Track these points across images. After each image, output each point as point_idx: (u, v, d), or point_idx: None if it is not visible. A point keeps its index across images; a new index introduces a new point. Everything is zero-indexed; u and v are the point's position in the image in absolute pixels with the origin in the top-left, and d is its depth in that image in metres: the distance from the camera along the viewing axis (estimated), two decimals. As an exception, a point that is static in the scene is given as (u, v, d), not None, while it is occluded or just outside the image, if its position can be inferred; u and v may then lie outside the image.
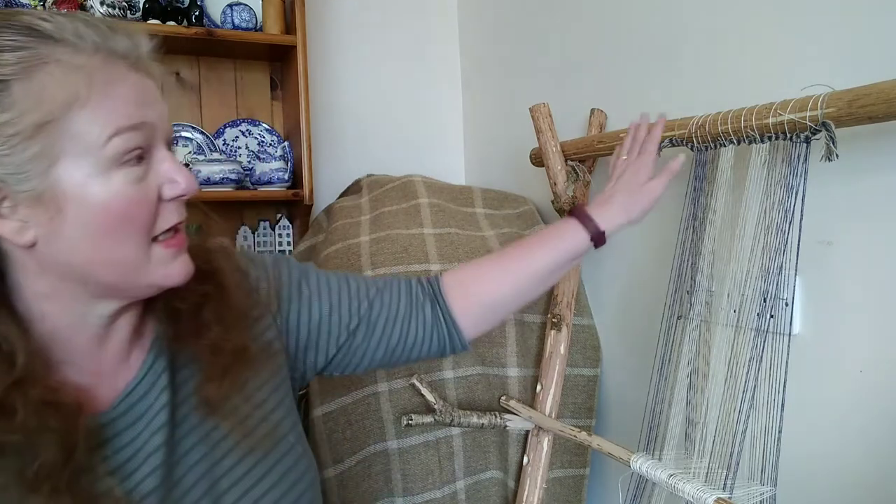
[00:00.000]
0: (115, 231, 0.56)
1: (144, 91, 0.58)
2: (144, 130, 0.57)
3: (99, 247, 0.56)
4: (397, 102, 1.97)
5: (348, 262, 1.33)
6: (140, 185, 0.57)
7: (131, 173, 0.56)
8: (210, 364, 0.65)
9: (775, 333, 0.85)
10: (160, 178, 0.59)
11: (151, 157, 0.59)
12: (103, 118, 0.54)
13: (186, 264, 0.62)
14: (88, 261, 0.57)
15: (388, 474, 1.25)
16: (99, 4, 1.50)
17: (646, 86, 1.23)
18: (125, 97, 0.56)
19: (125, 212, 0.56)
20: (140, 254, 0.58)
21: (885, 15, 0.81)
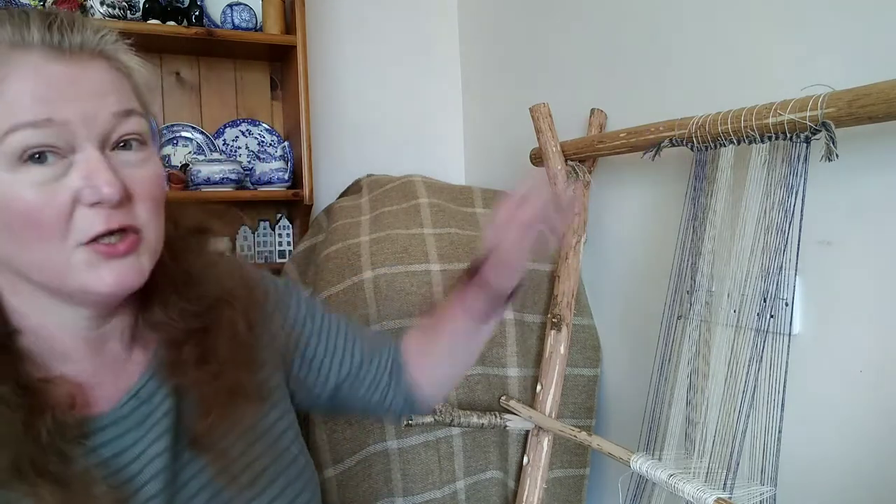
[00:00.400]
0: (22, 233, 0.52)
1: (64, 83, 0.52)
2: (53, 128, 0.51)
3: (14, 246, 0.54)
4: (397, 102, 1.97)
5: (348, 262, 1.33)
6: (47, 188, 0.52)
7: (38, 174, 0.52)
8: (202, 397, 0.63)
9: (775, 333, 0.85)
10: (77, 181, 0.53)
11: (73, 156, 0.53)
12: (1, 115, 0.51)
13: (119, 272, 0.55)
14: (13, 259, 0.55)
15: (388, 474, 1.25)
16: (99, 4, 1.50)
17: (646, 86, 1.23)
18: (31, 91, 0.51)
19: (27, 215, 0.51)
20: (58, 257, 0.53)
21: (885, 15, 0.81)
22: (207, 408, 0.63)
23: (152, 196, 0.58)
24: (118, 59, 0.58)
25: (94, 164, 0.53)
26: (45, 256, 0.53)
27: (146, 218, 0.57)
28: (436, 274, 1.30)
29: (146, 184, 0.57)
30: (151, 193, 0.57)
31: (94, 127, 0.54)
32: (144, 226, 0.57)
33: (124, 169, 0.56)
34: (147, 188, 0.57)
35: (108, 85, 0.56)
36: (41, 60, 0.52)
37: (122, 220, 0.55)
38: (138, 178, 0.56)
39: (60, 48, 0.53)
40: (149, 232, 0.58)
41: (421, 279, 1.29)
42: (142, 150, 0.58)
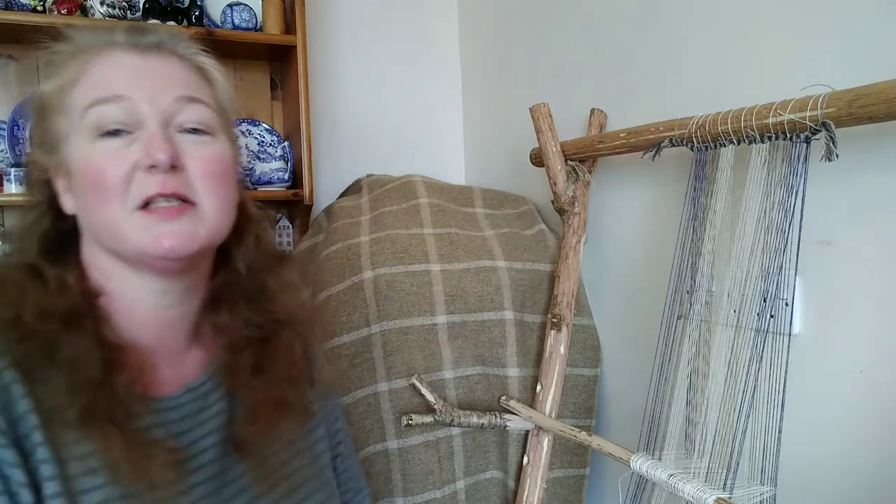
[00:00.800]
0: (94, 193, 0.59)
1: (139, 70, 0.61)
2: (123, 104, 0.60)
3: (90, 211, 0.61)
4: (397, 102, 1.97)
5: (348, 262, 1.33)
6: (114, 154, 0.59)
7: (111, 144, 0.59)
8: (251, 404, 0.68)
9: (775, 333, 0.85)
10: (138, 151, 0.60)
11: (139, 132, 0.60)
12: (85, 92, 0.60)
13: (174, 235, 0.60)
14: (93, 224, 0.62)
15: (388, 474, 1.25)
16: (99, 4, 1.50)
17: (646, 86, 1.23)
18: (110, 74, 0.61)
19: (96, 177, 0.59)
20: (121, 218, 0.59)
21: (885, 15, 0.81)
22: (255, 414, 0.67)
23: (208, 172, 0.62)
24: (194, 60, 0.66)
25: (152, 134, 0.60)
26: (109, 219, 0.59)
27: (201, 192, 0.62)
28: (436, 274, 1.30)
29: (203, 160, 0.62)
30: (207, 169, 0.62)
31: (158, 106, 0.61)
32: (200, 199, 0.62)
33: (184, 145, 0.62)
34: (203, 164, 0.62)
35: (179, 76, 0.63)
36: (122, 53, 0.62)
37: (175, 186, 0.60)
38: (196, 153, 0.62)
39: (139, 46, 0.62)
40: (205, 205, 0.62)
41: (421, 279, 1.29)
42: (206, 136, 0.64)
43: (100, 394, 0.56)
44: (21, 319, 0.57)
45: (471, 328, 1.29)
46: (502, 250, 1.36)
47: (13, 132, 1.54)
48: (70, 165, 0.61)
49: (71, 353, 0.57)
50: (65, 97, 0.61)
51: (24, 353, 0.56)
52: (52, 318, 0.58)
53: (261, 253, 0.72)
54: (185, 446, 0.63)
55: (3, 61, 1.56)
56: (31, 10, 1.48)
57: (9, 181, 1.44)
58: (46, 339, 0.57)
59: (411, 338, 1.27)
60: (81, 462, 0.56)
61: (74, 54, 0.62)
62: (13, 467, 0.53)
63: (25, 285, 0.60)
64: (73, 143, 0.61)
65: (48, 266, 0.62)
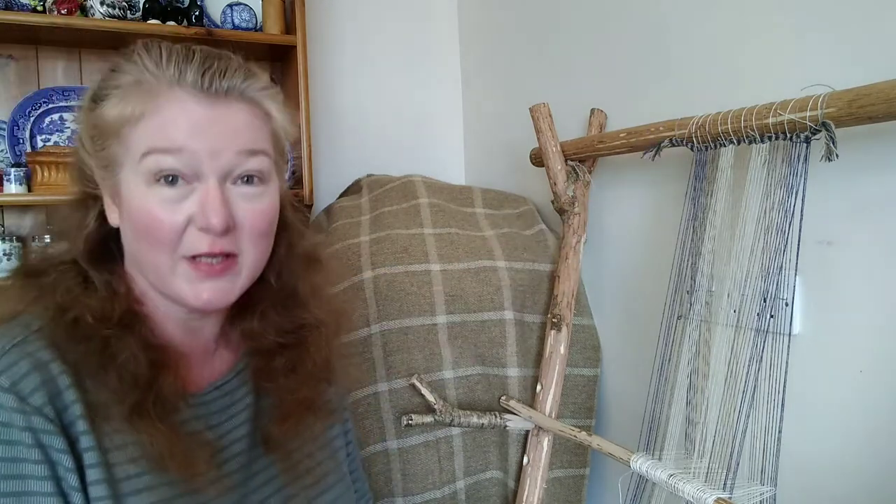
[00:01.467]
0: (143, 238, 0.61)
1: (204, 122, 0.60)
2: (183, 156, 0.59)
3: (137, 246, 0.63)
4: (397, 102, 1.97)
5: (348, 262, 1.33)
6: (170, 206, 0.60)
7: (166, 193, 0.60)
8: (282, 404, 0.71)
9: (775, 333, 0.85)
10: (194, 206, 0.60)
11: (196, 183, 0.61)
12: (145, 137, 0.60)
13: (213, 293, 0.62)
14: (135, 255, 0.64)
15: (388, 474, 1.25)
16: (99, 4, 1.50)
17: (646, 86, 1.23)
18: (173, 122, 0.60)
19: (149, 225, 0.60)
20: (166, 265, 0.62)
21: (885, 15, 0.81)
22: (286, 414, 0.71)
23: (256, 229, 0.64)
24: (260, 104, 0.65)
25: (210, 194, 0.60)
26: (155, 261, 0.62)
27: (247, 246, 0.64)
28: (436, 274, 1.30)
29: (255, 217, 0.64)
30: (256, 226, 0.64)
31: (219, 161, 0.61)
32: (244, 252, 0.64)
33: (238, 201, 0.63)
34: (253, 221, 0.64)
35: (243, 126, 0.63)
36: (190, 99, 0.60)
37: (224, 246, 0.62)
38: (249, 210, 0.63)
39: (208, 92, 0.61)
40: (246, 258, 0.64)
41: (421, 279, 1.29)
42: (260, 185, 0.64)
43: (148, 392, 0.60)
44: (81, 321, 0.60)
45: (471, 328, 1.29)
46: (502, 250, 1.36)
47: (13, 132, 1.54)
48: (121, 193, 0.62)
49: (125, 356, 0.60)
50: (125, 129, 0.61)
51: (81, 353, 0.59)
52: (110, 322, 0.61)
53: (292, 258, 0.74)
54: (217, 438, 0.67)
55: (3, 61, 1.56)
56: (31, 10, 1.48)
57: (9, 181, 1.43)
58: (104, 341, 0.60)
59: (411, 338, 1.27)
60: (123, 451, 0.59)
61: (139, 86, 0.61)
62: (61, 453, 0.56)
63: (78, 287, 0.63)
64: (127, 176, 0.61)
65: (95, 270, 0.65)
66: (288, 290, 0.74)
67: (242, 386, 0.72)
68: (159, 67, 0.61)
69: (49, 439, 0.56)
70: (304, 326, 0.74)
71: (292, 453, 0.72)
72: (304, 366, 0.73)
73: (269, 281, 0.72)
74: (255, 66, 0.67)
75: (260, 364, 0.72)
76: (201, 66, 0.61)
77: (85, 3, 1.52)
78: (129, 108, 0.60)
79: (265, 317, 0.72)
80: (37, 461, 0.55)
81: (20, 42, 1.55)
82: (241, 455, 0.69)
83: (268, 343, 0.72)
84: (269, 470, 0.71)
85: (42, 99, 1.57)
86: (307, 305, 0.74)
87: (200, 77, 0.61)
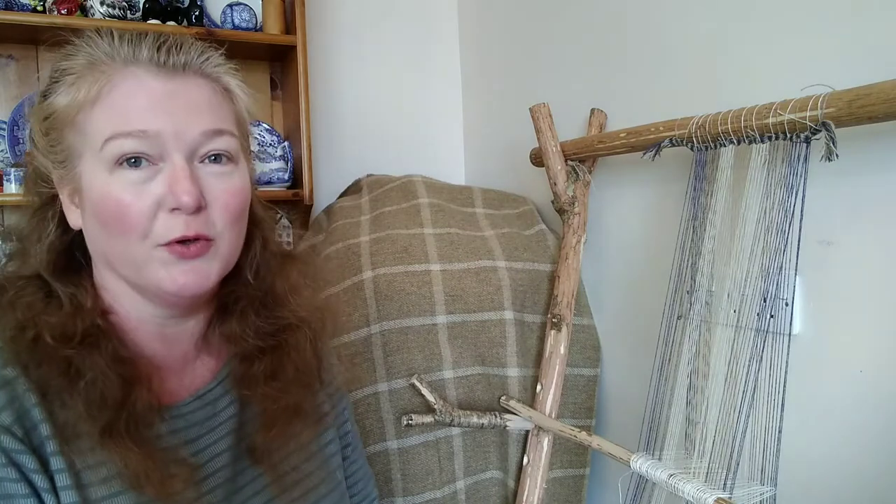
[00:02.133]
0: (112, 227, 0.58)
1: (163, 97, 0.57)
2: (147, 138, 0.57)
3: (106, 239, 0.59)
4: (397, 102, 1.97)
5: (348, 262, 1.33)
6: (136, 189, 0.57)
7: (131, 176, 0.57)
8: (266, 412, 0.68)
9: (775, 333, 0.85)
10: (161, 187, 0.57)
11: (162, 164, 0.58)
12: (105, 119, 0.57)
13: (188, 275, 0.59)
14: (105, 251, 0.60)
15: (388, 474, 1.25)
16: (99, 4, 1.50)
17: (646, 86, 1.23)
18: (133, 102, 0.57)
19: (116, 211, 0.57)
20: (139, 254, 0.58)
21: (885, 15, 0.81)
22: (270, 423, 0.67)
23: (229, 207, 0.61)
24: (220, 80, 0.63)
25: (177, 173, 0.57)
26: (127, 250, 0.58)
27: (221, 227, 0.61)
28: (436, 274, 1.30)
29: (225, 195, 0.61)
30: (229, 205, 0.61)
31: (184, 140, 0.58)
32: (218, 235, 0.61)
33: (207, 179, 0.60)
34: (225, 199, 0.61)
35: (204, 102, 0.60)
36: (146, 75, 0.58)
37: (198, 228, 0.59)
38: (219, 189, 0.60)
39: (165, 66, 0.58)
40: (222, 241, 0.61)
41: (421, 279, 1.29)
42: (229, 164, 0.62)
43: (119, 411, 0.57)
44: (40, 340, 0.56)
45: (471, 328, 1.29)
46: (502, 250, 1.36)
47: (13, 132, 1.54)
48: (81, 186, 0.59)
49: (91, 375, 0.56)
50: (80, 115, 0.57)
51: (44, 374, 0.56)
52: (72, 341, 0.57)
53: (267, 256, 0.71)
54: (196, 453, 0.63)
55: (3, 61, 1.56)
56: (31, 10, 1.48)
57: (8, 181, 1.44)
58: (66, 361, 0.57)
59: (411, 338, 1.27)
60: (95, 471, 0.56)
61: (92, 68, 0.58)
62: (34, 473, 0.53)
63: (39, 303, 0.59)
64: (88, 165, 0.58)
65: (59, 283, 0.61)
66: (265, 288, 0.70)
67: (225, 394, 0.68)
68: (112, 47, 0.58)
69: (21, 458, 0.53)
70: (284, 328, 0.70)
71: (279, 464, 0.68)
72: (285, 371, 0.69)
73: (247, 279, 0.69)
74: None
75: (241, 370, 0.69)
76: (155, 41, 0.59)
77: (85, 3, 1.52)
78: (82, 92, 0.57)
79: (244, 317, 0.69)
80: (15, 479, 0.53)
81: (20, 42, 1.55)
82: (225, 469, 0.65)
83: (247, 347, 0.68)
84: (255, 483, 0.67)
85: (42, 99, 1.57)
86: (286, 304, 0.71)
87: (156, 52, 0.58)
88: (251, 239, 0.69)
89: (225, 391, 0.69)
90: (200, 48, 0.62)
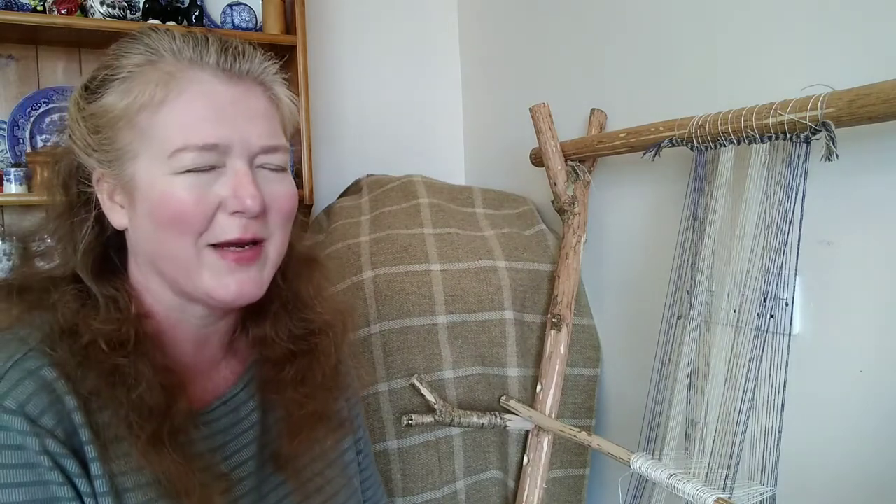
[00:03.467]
0: (169, 228, 0.57)
1: (227, 104, 0.58)
2: (216, 151, 0.57)
3: (158, 239, 0.58)
4: (397, 102, 1.97)
5: (348, 262, 1.33)
6: (200, 191, 0.57)
7: (196, 179, 0.57)
8: (291, 419, 0.67)
9: (775, 333, 0.85)
10: (225, 190, 0.58)
11: (224, 167, 0.58)
12: (173, 129, 0.56)
13: (243, 283, 0.59)
14: (154, 252, 0.60)
15: (388, 474, 1.25)
16: (99, 4, 1.50)
17: (646, 86, 1.23)
18: (201, 112, 0.57)
19: (177, 211, 0.56)
20: (192, 255, 0.58)
21: (885, 15, 0.81)
22: (296, 429, 0.67)
23: (283, 210, 0.62)
24: (273, 89, 0.63)
25: (241, 177, 0.58)
26: (179, 254, 0.58)
27: (274, 230, 0.62)
28: (436, 274, 1.30)
29: (283, 199, 0.62)
30: (283, 208, 0.62)
31: (246, 148, 0.59)
32: (270, 238, 0.61)
33: (265, 184, 0.60)
34: (281, 203, 0.61)
35: (262, 111, 0.61)
36: (213, 80, 0.58)
37: (256, 231, 0.59)
38: (277, 193, 0.61)
39: (230, 72, 0.59)
40: (272, 245, 0.62)
41: (421, 279, 1.29)
42: (282, 172, 0.63)
43: (164, 421, 0.56)
44: (94, 346, 0.56)
45: (471, 328, 1.29)
46: (502, 250, 1.36)
47: (13, 132, 1.54)
48: (135, 186, 0.58)
49: (141, 387, 0.56)
50: (142, 116, 0.56)
51: (92, 381, 0.56)
52: (125, 349, 0.57)
53: (294, 259, 0.71)
54: (223, 460, 0.63)
55: (3, 61, 1.56)
56: (31, 10, 1.48)
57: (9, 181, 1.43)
58: (116, 369, 0.56)
59: (411, 338, 1.27)
60: (130, 477, 0.56)
61: (154, 66, 0.57)
62: (78, 477, 0.53)
63: (85, 307, 0.58)
64: (146, 165, 0.57)
65: (98, 286, 0.60)
66: (293, 291, 0.70)
67: (249, 400, 0.68)
68: (175, 46, 0.58)
69: (65, 462, 0.53)
70: (313, 332, 0.70)
71: (303, 470, 0.68)
72: (314, 376, 0.69)
73: (278, 282, 0.68)
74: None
75: (269, 375, 0.68)
76: (220, 45, 0.59)
77: (85, 3, 1.52)
78: (146, 93, 0.56)
79: (278, 320, 0.69)
80: (61, 483, 0.52)
81: (20, 42, 1.55)
82: (250, 477, 0.65)
83: (279, 351, 0.68)
84: (278, 490, 0.67)
85: (42, 99, 1.57)
86: (313, 307, 0.71)
87: (223, 55, 0.58)
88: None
89: (249, 396, 0.68)
90: (261, 56, 0.62)
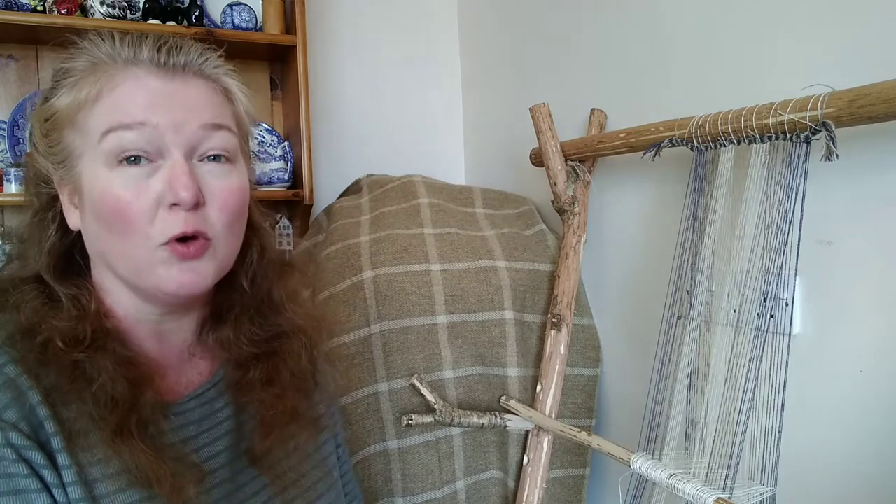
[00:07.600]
0: (113, 226, 0.58)
1: (162, 95, 0.58)
2: (144, 131, 0.57)
3: (106, 239, 0.59)
4: (397, 102, 1.97)
5: (348, 262, 1.33)
6: (135, 185, 0.57)
7: (131, 172, 0.57)
8: (263, 418, 0.68)
9: (775, 333, 0.85)
10: (161, 184, 0.58)
11: (161, 161, 0.58)
12: (104, 114, 0.57)
13: (185, 274, 0.59)
14: (104, 251, 0.60)
15: (388, 474, 1.25)
16: (99, 4, 1.50)
17: (646, 86, 1.23)
18: (133, 97, 0.58)
19: (116, 208, 0.57)
20: (141, 253, 0.58)
21: (886, 15, 0.81)
22: (268, 428, 0.68)
23: (227, 206, 0.61)
24: (220, 80, 0.63)
25: (175, 168, 0.58)
26: (128, 251, 0.59)
27: (219, 228, 0.61)
28: (436, 274, 1.30)
29: (223, 193, 0.61)
30: (227, 203, 0.61)
31: (183, 134, 0.59)
32: (216, 235, 0.61)
33: (206, 177, 0.60)
34: (223, 197, 0.61)
35: (203, 100, 0.61)
36: (146, 75, 0.59)
37: (196, 224, 0.59)
38: (217, 186, 0.61)
39: (165, 66, 0.59)
40: (219, 242, 0.61)
41: (421, 279, 1.29)
42: (227, 164, 0.62)
43: (130, 412, 0.57)
44: (51, 344, 0.57)
45: (471, 328, 1.29)
46: (502, 250, 1.36)
47: (13, 132, 1.54)
48: (82, 186, 0.59)
49: (102, 379, 0.57)
50: (81, 114, 0.58)
51: (54, 377, 0.57)
52: (81, 346, 0.58)
53: (264, 263, 0.71)
54: (195, 451, 0.64)
55: (3, 61, 1.56)
56: (31, 10, 1.48)
57: (9, 181, 1.44)
58: (75, 365, 0.57)
59: (411, 338, 1.27)
60: (99, 467, 0.57)
61: (94, 69, 0.59)
62: (44, 468, 0.54)
63: (44, 306, 0.60)
64: (88, 164, 0.58)
65: (60, 286, 0.61)
66: (262, 295, 0.71)
67: (220, 396, 0.69)
68: (114, 48, 0.59)
69: (30, 454, 0.53)
70: (279, 335, 0.71)
71: (277, 465, 0.69)
72: (281, 376, 0.70)
73: (243, 286, 0.70)
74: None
75: (235, 376, 0.69)
76: (155, 43, 0.60)
77: (85, 3, 1.52)
78: (83, 92, 0.58)
79: (239, 325, 0.69)
80: (27, 475, 0.53)
81: (20, 42, 1.55)
82: (223, 469, 0.66)
83: (242, 353, 0.69)
84: (254, 483, 0.68)
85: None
86: (283, 312, 0.71)
87: (156, 53, 0.59)
88: (248, 245, 0.69)
89: (220, 393, 0.69)
90: (200, 49, 0.62)
